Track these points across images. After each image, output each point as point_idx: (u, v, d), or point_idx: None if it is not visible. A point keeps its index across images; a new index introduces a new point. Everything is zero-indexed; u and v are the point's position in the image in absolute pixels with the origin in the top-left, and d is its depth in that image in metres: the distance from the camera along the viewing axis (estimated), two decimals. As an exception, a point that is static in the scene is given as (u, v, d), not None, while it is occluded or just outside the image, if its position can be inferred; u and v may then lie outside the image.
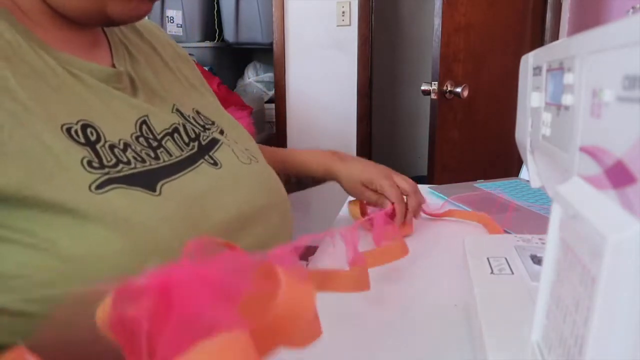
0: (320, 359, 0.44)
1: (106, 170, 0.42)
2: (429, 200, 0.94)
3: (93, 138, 0.44)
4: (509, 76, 1.59)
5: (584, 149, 0.25)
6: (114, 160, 0.44)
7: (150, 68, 0.58)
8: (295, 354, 0.43)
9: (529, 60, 0.37)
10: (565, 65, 0.28)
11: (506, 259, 0.48)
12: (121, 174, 0.43)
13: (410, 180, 0.77)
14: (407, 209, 0.74)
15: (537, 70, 0.35)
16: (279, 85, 2.44)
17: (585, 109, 0.25)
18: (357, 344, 0.45)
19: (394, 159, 3.42)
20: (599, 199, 0.23)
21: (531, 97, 0.36)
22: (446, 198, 0.93)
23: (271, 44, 2.45)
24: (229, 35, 2.66)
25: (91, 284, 0.40)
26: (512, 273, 0.46)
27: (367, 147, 2.42)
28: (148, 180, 0.45)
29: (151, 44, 0.63)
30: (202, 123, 0.59)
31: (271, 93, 2.73)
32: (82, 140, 0.43)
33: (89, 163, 0.42)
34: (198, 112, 0.60)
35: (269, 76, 2.78)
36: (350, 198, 0.82)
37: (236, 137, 0.62)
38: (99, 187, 0.41)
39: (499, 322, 0.39)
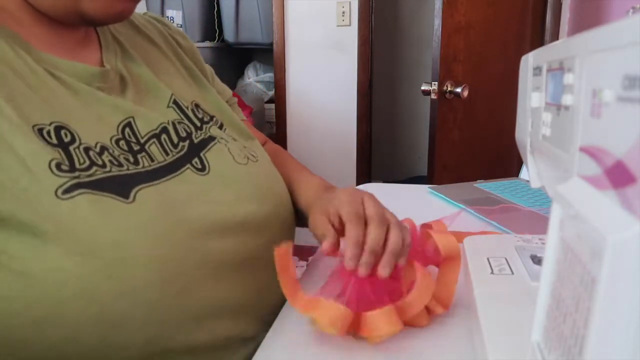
0: (320, 357, 0.44)
1: (76, 173, 0.41)
2: (431, 202, 0.94)
3: (67, 139, 0.42)
4: (509, 76, 1.59)
5: (584, 149, 0.25)
6: (88, 162, 0.42)
7: (146, 62, 0.57)
8: (297, 351, 0.43)
9: (529, 60, 0.37)
10: (565, 65, 0.28)
11: (506, 259, 0.48)
12: (93, 177, 0.41)
13: (397, 220, 0.51)
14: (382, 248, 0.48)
15: (537, 70, 0.35)
16: (279, 85, 2.44)
17: (585, 109, 0.25)
18: (357, 344, 0.45)
19: (394, 159, 3.42)
20: (599, 199, 0.23)
21: (531, 97, 0.36)
22: (452, 201, 0.93)
23: (271, 44, 2.45)
24: (229, 35, 2.66)
25: (51, 299, 0.39)
26: (512, 273, 0.46)
27: (367, 147, 2.42)
28: (122, 186, 0.43)
29: (148, 37, 0.61)
30: (200, 117, 0.58)
31: (271, 93, 2.73)
32: (55, 141, 0.41)
33: (58, 166, 0.40)
34: (197, 105, 0.59)
35: (269, 76, 2.78)
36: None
37: (236, 134, 0.61)
38: (66, 191, 0.39)
39: (499, 322, 0.39)
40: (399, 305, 0.45)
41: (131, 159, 0.46)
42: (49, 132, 0.41)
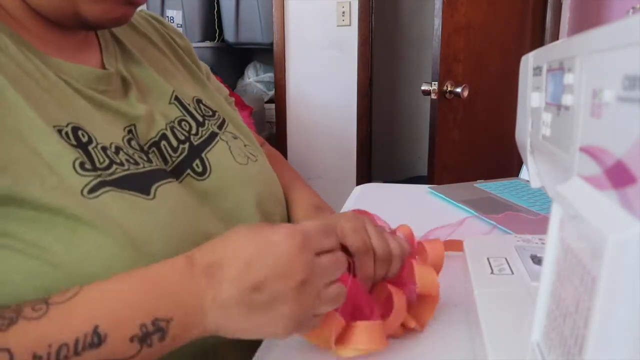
0: (319, 356, 0.44)
1: (98, 172, 0.41)
2: (431, 202, 0.94)
3: (84, 140, 0.43)
4: (509, 76, 1.59)
5: (584, 149, 0.25)
6: (107, 161, 0.43)
7: (147, 60, 0.57)
8: (296, 350, 0.43)
9: (529, 60, 0.37)
10: (565, 65, 0.28)
11: (506, 259, 0.48)
12: (114, 176, 0.42)
13: (402, 242, 0.51)
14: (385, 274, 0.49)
15: (537, 70, 0.35)
16: (279, 85, 2.44)
17: (585, 109, 0.25)
18: (357, 344, 0.45)
19: (394, 159, 3.42)
20: (599, 199, 0.23)
21: (531, 97, 0.36)
22: (452, 201, 0.93)
23: (271, 44, 2.45)
24: (229, 35, 2.66)
25: None
26: (512, 273, 0.46)
27: (367, 147, 2.42)
28: (142, 183, 0.44)
29: (146, 35, 0.61)
30: (202, 112, 0.58)
31: (271, 93, 2.73)
32: (74, 142, 0.41)
33: (82, 165, 0.40)
34: (199, 101, 0.59)
35: (269, 76, 2.78)
36: None
37: (237, 132, 0.61)
38: (91, 190, 0.40)
39: (499, 322, 0.39)
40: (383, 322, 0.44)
41: (144, 157, 0.47)
42: (67, 133, 0.42)
